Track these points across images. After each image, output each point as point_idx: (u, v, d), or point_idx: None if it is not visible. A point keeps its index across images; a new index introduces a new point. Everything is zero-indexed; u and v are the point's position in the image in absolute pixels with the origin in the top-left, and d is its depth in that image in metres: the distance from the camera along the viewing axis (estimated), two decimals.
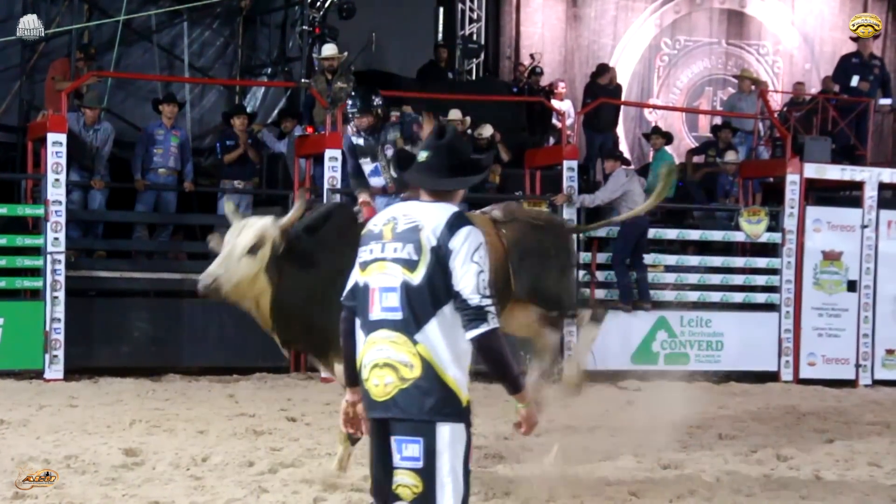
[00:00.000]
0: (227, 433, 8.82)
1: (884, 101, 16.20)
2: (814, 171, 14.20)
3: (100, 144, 12.75)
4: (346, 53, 14.03)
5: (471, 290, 4.17)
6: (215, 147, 13.70)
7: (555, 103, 16.02)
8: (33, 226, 12.09)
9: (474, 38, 18.71)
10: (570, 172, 13.54)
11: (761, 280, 14.26)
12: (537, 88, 17.00)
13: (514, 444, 8.19)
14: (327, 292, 6.19)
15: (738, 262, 14.36)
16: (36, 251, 11.91)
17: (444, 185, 4.40)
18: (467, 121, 14.33)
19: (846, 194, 15.15)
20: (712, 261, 14.27)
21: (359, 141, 8.75)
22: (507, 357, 4.25)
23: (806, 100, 16.35)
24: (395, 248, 4.28)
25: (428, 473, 4.17)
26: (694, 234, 14.36)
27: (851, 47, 16.23)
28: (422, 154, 4.45)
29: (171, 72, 15.34)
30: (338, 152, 12.45)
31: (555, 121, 16.16)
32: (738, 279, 14.23)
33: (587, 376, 8.50)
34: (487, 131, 14.39)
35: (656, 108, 19.37)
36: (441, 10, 18.84)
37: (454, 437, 4.20)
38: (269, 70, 16.26)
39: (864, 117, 15.39)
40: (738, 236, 14.25)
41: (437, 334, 4.20)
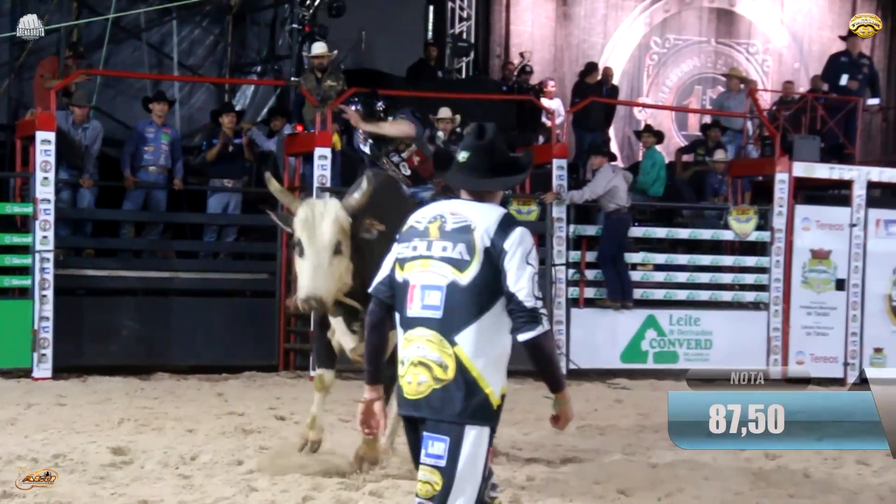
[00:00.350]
0: (215, 432, 8.81)
1: (872, 100, 16.25)
2: (802, 169, 14.22)
3: (89, 142, 12.70)
4: (335, 52, 13.99)
5: (526, 293, 4.15)
6: (202, 146, 13.67)
7: (544, 102, 16.01)
8: (22, 224, 12.06)
9: (464, 36, 18.70)
10: (559, 171, 13.54)
11: (750, 279, 14.29)
12: (527, 87, 16.98)
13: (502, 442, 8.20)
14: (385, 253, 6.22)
15: (727, 260, 14.39)
16: (24, 249, 11.88)
17: (488, 186, 4.37)
18: (457, 119, 14.31)
19: (835, 193, 15.19)
20: (701, 259, 14.30)
21: (365, 148, 8.78)
22: (556, 358, 4.32)
23: (795, 98, 16.35)
24: (443, 246, 4.24)
25: (449, 473, 4.16)
26: (683, 233, 14.38)
27: (840, 46, 16.27)
28: (462, 154, 4.40)
29: (160, 70, 15.32)
30: (327, 150, 12.49)
31: (544, 119, 16.16)
32: (727, 278, 14.26)
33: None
34: None
35: (646, 106, 19.37)
36: (431, 8, 18.81)
37: (480, 439, 4.20)
38: (259, 68, 16.25)
39: (852, 116, 15.42)
40: (727, 235, 14.27)
41: (477, 336, 4.18)
